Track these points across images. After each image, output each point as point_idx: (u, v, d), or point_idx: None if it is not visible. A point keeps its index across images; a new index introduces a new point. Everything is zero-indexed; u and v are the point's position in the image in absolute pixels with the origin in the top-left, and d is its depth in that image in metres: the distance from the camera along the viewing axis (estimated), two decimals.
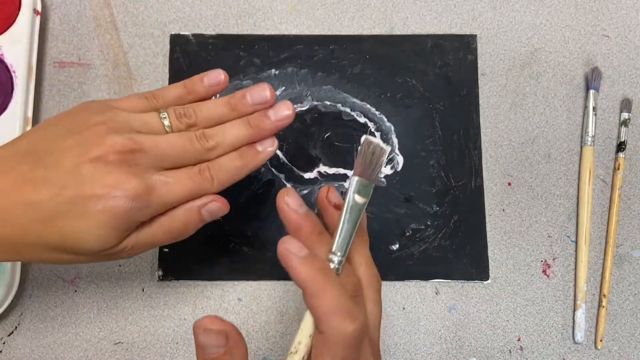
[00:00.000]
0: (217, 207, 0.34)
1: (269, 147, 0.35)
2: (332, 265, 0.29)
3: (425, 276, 0.43)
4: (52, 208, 0.30)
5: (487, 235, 0.43)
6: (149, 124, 0.33)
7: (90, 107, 0.33)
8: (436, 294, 0.43)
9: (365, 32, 0.47)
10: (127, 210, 0.30)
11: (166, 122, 0.33)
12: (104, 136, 0.30)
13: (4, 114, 0.42)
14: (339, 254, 0.29)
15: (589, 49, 0.47)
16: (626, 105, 0.45)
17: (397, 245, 0.43)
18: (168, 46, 0.46)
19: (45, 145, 0.31)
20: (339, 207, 0.31)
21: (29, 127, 0.43)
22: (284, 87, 0.46)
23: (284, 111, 0.35)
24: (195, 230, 0.35)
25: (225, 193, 0.43)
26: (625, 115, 0.45)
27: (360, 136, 0.44)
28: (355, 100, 0.45)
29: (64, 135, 0.31)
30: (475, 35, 0.47)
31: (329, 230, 0.32)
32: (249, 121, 0.35)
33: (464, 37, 0.47)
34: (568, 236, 0.44)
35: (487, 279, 0.43)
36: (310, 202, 0.43)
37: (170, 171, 0.32)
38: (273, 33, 0.47)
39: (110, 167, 0.30)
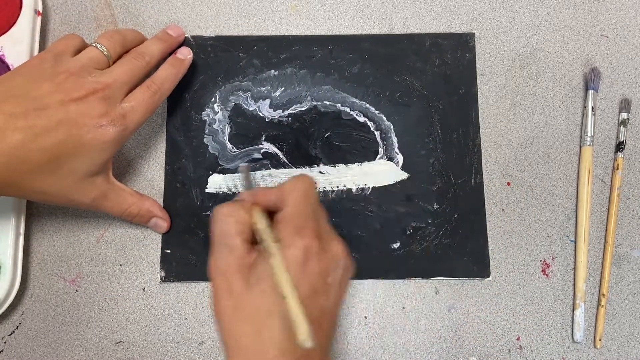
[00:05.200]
0: (162, 226, 0.43)
1: (188, 55, 0.44)
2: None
3: (427, 274, 0.43)
4: (47, 132, 0.34)
5: (487, 235, 0.44)
6: (93, 58, 0.39)
7: (42, 59, 0.38)
8: (436, 293, 0.43)
9: (365, 33, 0.47)
10: (113, 134, 0.37)
11: (104, 50, 0.39)
12: (75, 82, 0.36)
13: None
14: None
15: (588, 49, 0.47)
16: (625, 105, 0.46)
17: (398, 244, 0.43)
18: None
19: (21, 91, 0.35)
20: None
21: None
22: (283, 88, 0.46)
23: (179, 30, 0.45)
24: (131, 220, 0.42)
25: (225, 193, 0.43)
26: (624, 115, 0.45)
27: (360, 136, 0.45)
28: (354, 99, 0.45)
29: (36, 82, 0.36)
30: (473, 34, 0.47)
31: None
32: (158, 37, 0.43)
33: (462, 36, 0.47)
34: (567, 236, 0.44)
35: (489, 276, 0.43)
36: None
37: (129, 96, 0.39)
38: (273, 34, 0.47)
39: (93, 104, 0.36)
